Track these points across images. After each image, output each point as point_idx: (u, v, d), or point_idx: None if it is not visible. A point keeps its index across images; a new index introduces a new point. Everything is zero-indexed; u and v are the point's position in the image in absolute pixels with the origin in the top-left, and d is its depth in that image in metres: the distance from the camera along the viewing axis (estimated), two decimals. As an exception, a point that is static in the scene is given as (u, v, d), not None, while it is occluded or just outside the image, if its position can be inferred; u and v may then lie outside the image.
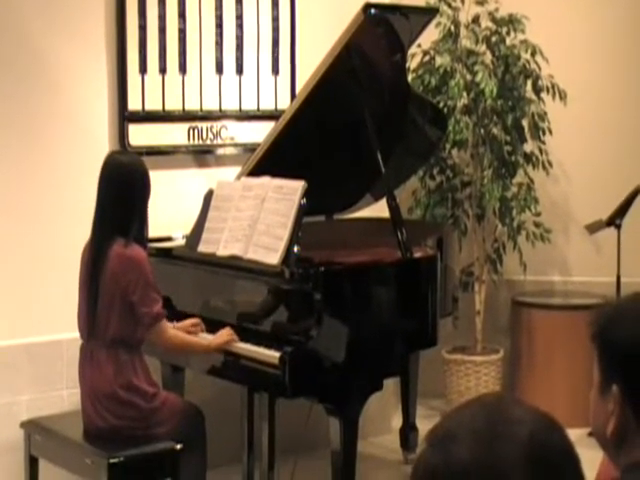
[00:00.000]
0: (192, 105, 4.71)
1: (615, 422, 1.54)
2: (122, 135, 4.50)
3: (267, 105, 4.93)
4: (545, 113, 5.44)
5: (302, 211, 3.81)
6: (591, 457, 1.99)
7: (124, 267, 3.64)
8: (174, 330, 3.80)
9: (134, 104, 4.53)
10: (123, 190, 3.72)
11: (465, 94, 5.33)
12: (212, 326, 3.92)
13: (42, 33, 4.29)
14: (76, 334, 3.83)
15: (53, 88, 4.34)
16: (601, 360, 1.58)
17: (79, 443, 3.73)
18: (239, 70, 4.85)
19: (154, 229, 4.27)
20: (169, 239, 4.43)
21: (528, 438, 1.14)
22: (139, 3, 4.51)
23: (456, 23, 5.41)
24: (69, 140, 4.38)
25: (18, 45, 4.25)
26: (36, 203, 4.32)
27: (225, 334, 3.81)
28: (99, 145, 4.40)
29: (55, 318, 4.28)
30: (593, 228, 5.38)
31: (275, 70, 4.96)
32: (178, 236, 4.43)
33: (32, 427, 3.96)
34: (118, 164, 3.79)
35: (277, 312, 3.77)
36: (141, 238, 3.76)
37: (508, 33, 5.39)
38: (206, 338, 3.87)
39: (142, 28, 4.53)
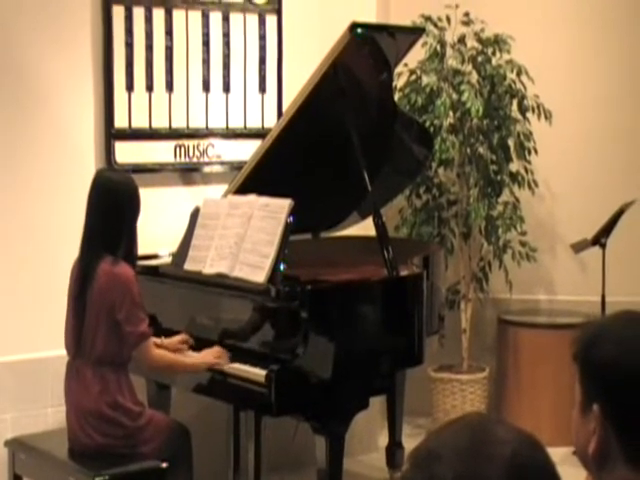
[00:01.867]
0: (179, 123, 4.72)
1: (596, 441, 1.54)
2: (108, 153, 4.50)
3: (254, 123, 4.94)
4: (531, 133, 5.47)
5: (288, 229, 3.81)
6: (575, 475, 2.00)
7: (111, 285, 3.63)
8: (160, 350, 3.78)
9: (120, 122, 4.53)
10: (112, 208, 3.71)
11: (451, 113, 5.35)
12: (198, 344, 3.91)
13: (28, 51, 4.29)
14: (61, 352, 3.82)
15: (39, 106, 4.34)
16: (582, 379, 1.58)
17: (64, 461, 3.72)
18: (226, 88, 4.87)
19: (140, 247, 4.25)
20: (155, 257, 4.42)
21: (510, 458, 1.14)
22: (126, 20, 4.52)
23: (442, 43, 5.44)
24: (56, 158, 4.37)
25: (3, 62, 4.25)
26: (22, 221, 4.31)
27: (214, 353, 3.79)
28: (86, 163, 4.40)
29: (40, 336, 4.27)
30: (578, 247, 5.40)
31: (262, 88, 4.98)
32: (164, 254, 4.43)
33: (16, 445, 3.94)
34: (108, 182, 3.78)
35: (263, 330, 3.76)
36: (130, 256, 3.74)
37: (494, 53, 5.43)
38: (192, 356, 3.87)
39: (129, 45, 4.54)
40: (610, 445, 1.53)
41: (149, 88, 4.62)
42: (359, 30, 4.00)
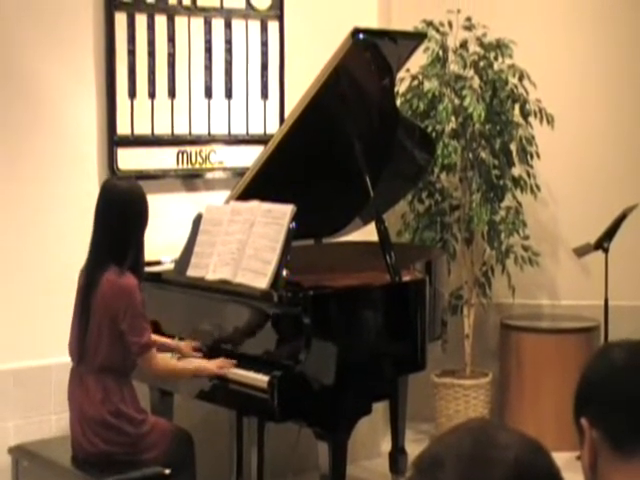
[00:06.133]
0: (181, 129, 4.72)
1: (588, 449, 1.54)
2: (111, 159, 4.50)
3: (256, 129, 4.95)
4: (533, 137, 5.47)
5: (291, 235, 3.81)
6: (579, 481, 1.99)
7: (114, 295, 3.63)
8: (163, 359, 3.78)
9: (123, 128, 4.54)
10: (120, 218, 3.69)
11: (453, 118, 5.35)
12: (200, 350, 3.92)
13: (31, 58, 4.30)
14: (65, 359, 3.82)
15: (42, 113, 4.34)
16: (573, 413, 1.59)
17: (67, 468, 3.72)
18: (228, 94, 4.87)
19: (143, 253, 4.27)
20: (158, 263, 4.42)
21: (514, 462, 1.14)
22: (128, 27, 4.53)
23: (444, 48, 5.44)
24: (58, 165, 4.38)
25: (6, 69, 4.26)
26: (25, 228, 4.32)
27: (218, 362, 3.77)
28: (88, 170, 4.40)
29: (43, 343, 4.27)
30: (581, 251, 5.40)
31: (264, 94, 4.98)
32: (167, 260, 4.43)
33: (20, 452, 3.94)
34: (116, 190, 3.76)
35: (266, 336, 3.76)
36: (137, 266, 3.72)
37: (496, 58, 5.43)
38: (194, 361, 3.86)
39: (131, 53, 4.54)
40: (601, 449, 1.53)
41: (151, 95, 4.63)
42: (361, 36, 4.01)
